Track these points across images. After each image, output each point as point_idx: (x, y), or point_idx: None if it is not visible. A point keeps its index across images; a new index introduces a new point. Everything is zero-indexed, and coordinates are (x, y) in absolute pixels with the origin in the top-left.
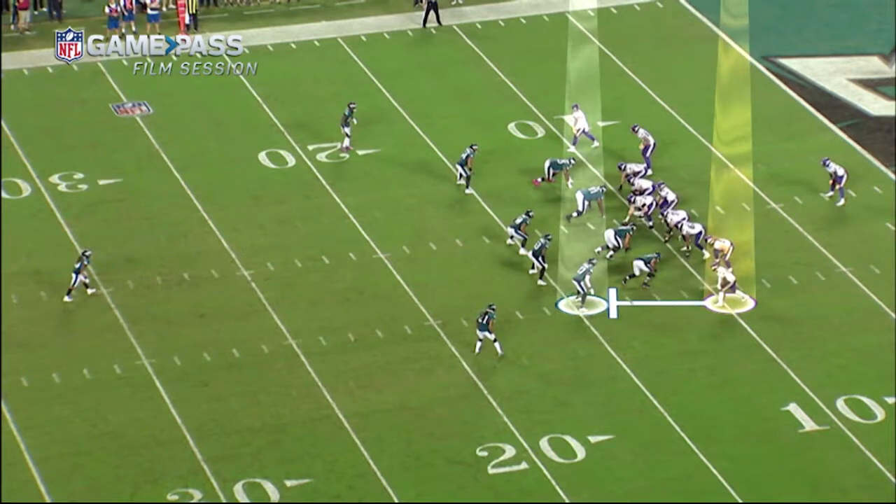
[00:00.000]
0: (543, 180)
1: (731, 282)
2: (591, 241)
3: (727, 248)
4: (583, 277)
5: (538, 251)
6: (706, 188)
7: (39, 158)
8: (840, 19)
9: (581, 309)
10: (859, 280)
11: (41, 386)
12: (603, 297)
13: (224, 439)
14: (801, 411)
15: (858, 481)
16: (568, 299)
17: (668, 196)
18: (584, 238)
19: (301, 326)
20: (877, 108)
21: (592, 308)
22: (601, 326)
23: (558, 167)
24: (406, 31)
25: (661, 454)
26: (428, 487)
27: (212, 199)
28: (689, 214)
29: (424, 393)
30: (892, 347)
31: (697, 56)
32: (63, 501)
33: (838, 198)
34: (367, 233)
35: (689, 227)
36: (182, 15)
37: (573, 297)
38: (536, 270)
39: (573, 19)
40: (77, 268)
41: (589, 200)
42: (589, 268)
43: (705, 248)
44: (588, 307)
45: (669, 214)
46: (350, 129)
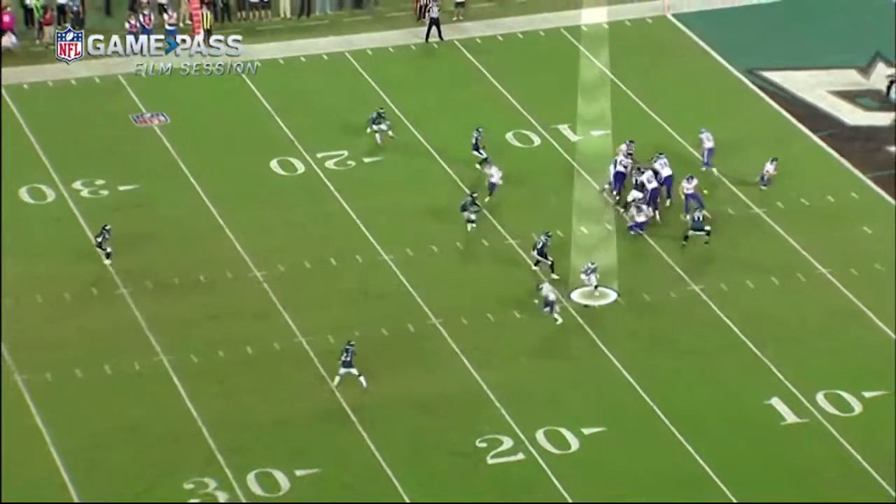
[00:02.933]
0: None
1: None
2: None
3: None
4: (591, 271)
5: (541, 250)
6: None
7: (63, 166)
8: (819, 35)
9: (593, 298)
10: (838, 281)
11: (64, 381)
12: (613, 287)
13: (237, 432)
14: (783, 405)
15: (838, 471)
16: (581, 290)
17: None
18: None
19: (310, 325)
20: (854, 118)
21: (602, 299)
22: (594, 325)
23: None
24: (410, 46)
25: (651, 445)
26: (431, 477)
27: (226, 205)
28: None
29: (427, 388)
30: (869, 345)
31: (684, 69)
32: (86, 490)
33: (707, 165)
34: (373, 236)
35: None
36: (197, 30)
37: (585, 289)
38: (544, 268)
39: (567, 34)
40: (98, 242)
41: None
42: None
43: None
44: (597, 298)
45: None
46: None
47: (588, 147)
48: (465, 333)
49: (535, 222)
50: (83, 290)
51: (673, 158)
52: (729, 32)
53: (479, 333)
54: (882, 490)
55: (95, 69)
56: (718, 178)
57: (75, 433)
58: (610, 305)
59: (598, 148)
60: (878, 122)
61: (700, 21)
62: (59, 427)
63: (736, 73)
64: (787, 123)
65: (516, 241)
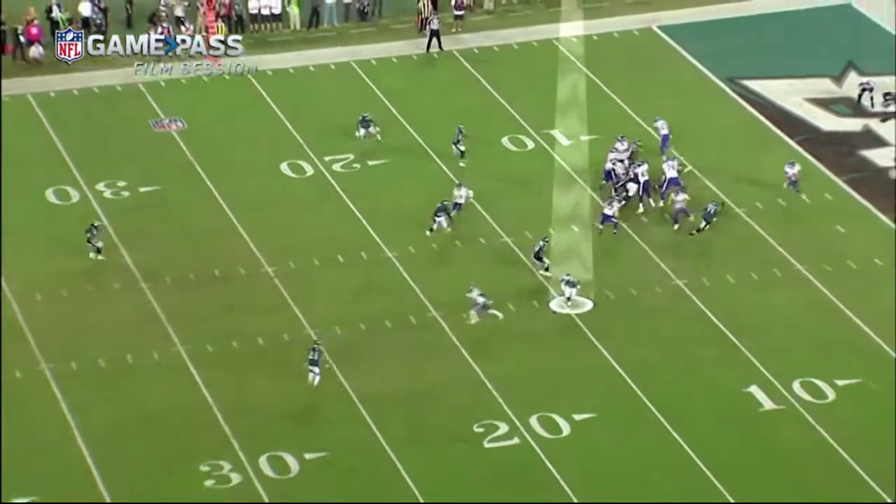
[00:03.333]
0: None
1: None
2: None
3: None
4: (569, 280)
5: (538, 253)
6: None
7: (87, 168)
8: (795, 46)
9: (569, 308)
10: (813, 277)
11: (88, 370)
12: (589, 296)
13: (250, 418)
14: (762, 393)
15: (813, 454)
16: (557, 299)
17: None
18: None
19: (318, 318)
20: (828, 124)
21: (579, 308)
22: (587, 319)
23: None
24: (411, 56)
25: (637, 430)
26: (431, 460)
27: (239, 205)
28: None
29: (428, 377)
30: (842, 336)
31: (668, 77)
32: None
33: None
34: (377, 235)
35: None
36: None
37: (562, 298)
38: (543, 268)
39: (560, 45)
40: (88, 238)
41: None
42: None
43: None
44: (574, 307)
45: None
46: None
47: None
48: (463, 326)
49: (529, 221)
50: (106, 285)
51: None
52: (710, 43)
53: (476, 326)
54: (854, 472)
55: (117, 78)
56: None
57: (99, 419)
58: (599, 299)
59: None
60: (851, 128)
61: (683, 33)
62: (84, 413)
63: (717, 81)
64: (766, 129)
65: (511, 238)
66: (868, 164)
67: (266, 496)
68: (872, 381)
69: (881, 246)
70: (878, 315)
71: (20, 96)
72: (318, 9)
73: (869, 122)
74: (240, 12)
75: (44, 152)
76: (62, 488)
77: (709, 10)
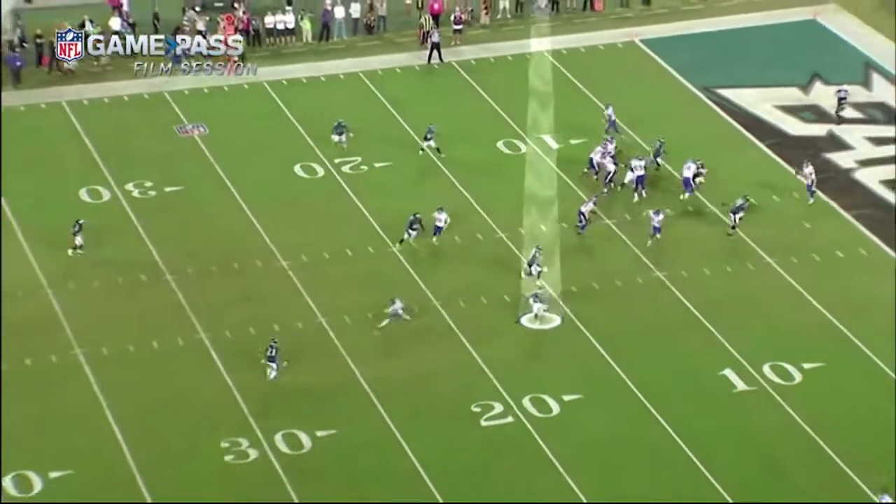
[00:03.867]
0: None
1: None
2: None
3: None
4: (537, 296)
5: (531, 261)
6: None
7: (116, 170)
8: (765, 58)
9: (537, 323)
10: (782, 269)
11: (118, 355)
12: (557, 313)
13: (266, 398)
14: (735, 375)
15: (781, 431)
16: (527, 315)
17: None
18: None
19: (329, 307)
20: (795, 129)
21: (547, 323)
22: (574, 308)
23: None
24: (414, 67)
25: (621, 410)
26: (432, 436)
27: (256, 204)
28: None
29: (429, 360)
30: (808, 323)
31: (649, 86)
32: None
33: (613, 131)
34: (383, 231)
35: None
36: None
37: (530, 314)
38: (534, 275)
39: (549, 57)
40: (74, 231)
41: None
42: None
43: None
44: (543, 322)
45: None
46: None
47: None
48: (461, 314)
49: (522, 219)
50: (134, 276)
51: None
52: (688, 55)
53: (473, 314)
54: (818, 446)
55: (144, 87)
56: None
57: (127, 400)
58: (586, 290)
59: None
60: (816, 132)
61: (663, 45)
62: (114, 394)
63: (693, 89)
64: (738, 133)
65: (505, 233)
66: (831, 166)
67: (281, 470)
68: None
69: (843, 240)
70: (840, 303)
71: (56, 104)
72: (329, 24)
73: (833, 128)
74: (256, 27)
75: (77, 155)
76: (94, 462)
77: (686, 25)
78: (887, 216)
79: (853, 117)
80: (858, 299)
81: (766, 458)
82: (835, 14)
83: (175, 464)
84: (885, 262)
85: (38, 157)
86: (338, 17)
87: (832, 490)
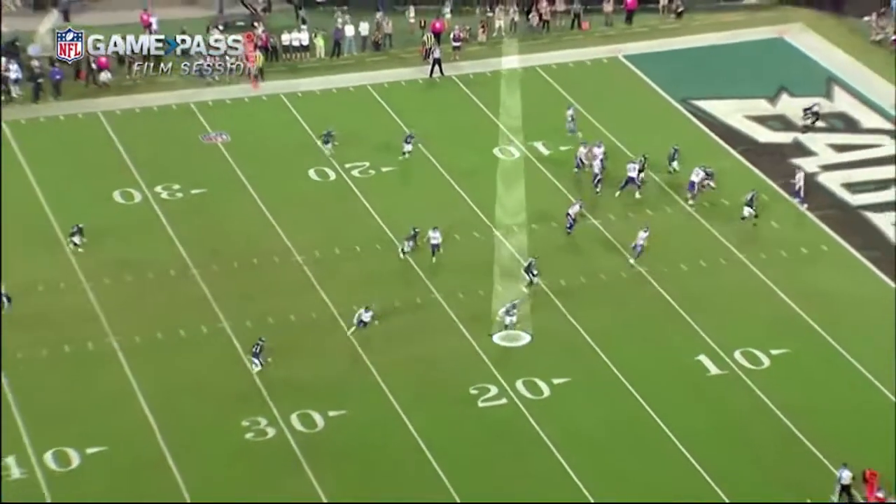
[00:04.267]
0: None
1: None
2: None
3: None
4: (509, 311)
5: (528, 268)
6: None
7: (147, 174)
8: (737, 73)
9: (506, 340)
10: (751, 264)
11: (148, 342)
12: (527, 330)
13: (282, 381)
14: (709, 360)
15: (750, 411)
16: (500, 334)
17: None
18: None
19: (340, 298)
20: (764, 137)
21: (516, 341)
22: (563, 299)
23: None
24: (417, 80)
25: (606, 392)
26: (434, 416)
27: (273, 204)
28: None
29: (431, 347)
30: (775, 313)
31: (632, 98)
32: (167, 427)
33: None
34: (389, 229)
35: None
36: (252, 68)
37: (502, 332)
38: (531, 281)
39: (540, 71)
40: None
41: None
42: (516, 303)
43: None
44: (512, 340)
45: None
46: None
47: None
48: (460, 305)
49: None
50: (163, 271)
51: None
52: (666, 70)
53: (471, 305)
54: (783, 424)
55: (173, 99)
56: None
57: (157, 383)
58: (574, 283)
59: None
60: (783, 140)
61: (644, 61)
62: (144, 378)
63: (672, 101)
64: (712, 141)
65: (500, 231)
66: (796, 170)
67: (296, 446)
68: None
69: (807, 238)
70: (803, 295)
71: (92, 114)
72: (340, 41)
73: (798, 136)
74: (274, 44)
75: (111, 160)
76: (127, 439)
77: (665, 43)
78: (847, 216)
79: (816, 126)
80: (820, 291)
81: (735, 435)
82: (800, 32)
83: (200, 440)
84: (844, 258)
85: (76, 162)
86: (348, 34)
87: (795, 463)
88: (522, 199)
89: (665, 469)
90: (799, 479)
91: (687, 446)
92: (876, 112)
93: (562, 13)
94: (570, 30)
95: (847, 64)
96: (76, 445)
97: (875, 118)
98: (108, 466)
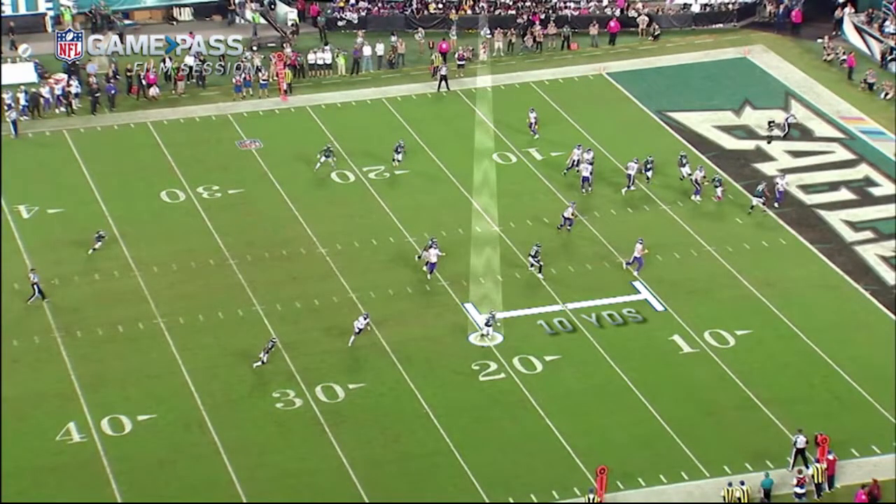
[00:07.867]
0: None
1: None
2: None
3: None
4: (488, 322)
5: (534, 255)
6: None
7: (190, 176)
8: (706, 87)
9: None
10: (719, 255)
11: (191, 323)
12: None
13: (308, 357)
14: (682, 340)
15: (718, 384)
16: (474, 334)
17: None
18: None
19: (358, 285)
20: (730, 144)
21: (493, 341)
22: (554, 285)
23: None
24: (426, 94)
25: (592, 367)
26: (440, 388)
27: (300, 203)
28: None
29: (438, 328)
30: (740, 298)
31: (614, 110)
32: (206, 394)
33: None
34: (401, 224)
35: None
36: (281, 84)
37: (476, 334)
38: (535, 268)
39: (534, 87)
40: (96, 237)
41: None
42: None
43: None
44: (488, 340)
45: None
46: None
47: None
48: (465, 291)
49: (515, 216)
50: (204, 261)
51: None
52: (645, 85)
53: (474, 291)
54: (746, 395)
55: (212, 111)
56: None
57: (199, 358)
58: (563, 272)
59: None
60: (746, 147)
61: (625, 77)
62: (188, 353)
63: (649, 112)
64: (685, 147)
65: (500, 228)
66: (758, 174)
67: (320, 415)
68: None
69: (767, 233)
70: (764, 282)
71: (142, 124)
72: (359, 60)
73: (760, 143)
74: (301, 62)
75: (159, 164)
76: (173, 407)
77: (643, 62)
78: (803, 214)
79: (775, 135)
80: (779, 279)
81: (705, 404)
82: (761, 52)
83: (236, 410)
84: (800, 250)
85: (128, 166)
86: (366, 54)
87: (757, 429)
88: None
89: (638, 429)
90: (760, 445)
91: (661, 413)
92: (827, 122)
93: (553, 35)
94: (560, 50)
95: (802, 80)
96: (128, 413)
97: (827, 128)
98: (157, 431)
